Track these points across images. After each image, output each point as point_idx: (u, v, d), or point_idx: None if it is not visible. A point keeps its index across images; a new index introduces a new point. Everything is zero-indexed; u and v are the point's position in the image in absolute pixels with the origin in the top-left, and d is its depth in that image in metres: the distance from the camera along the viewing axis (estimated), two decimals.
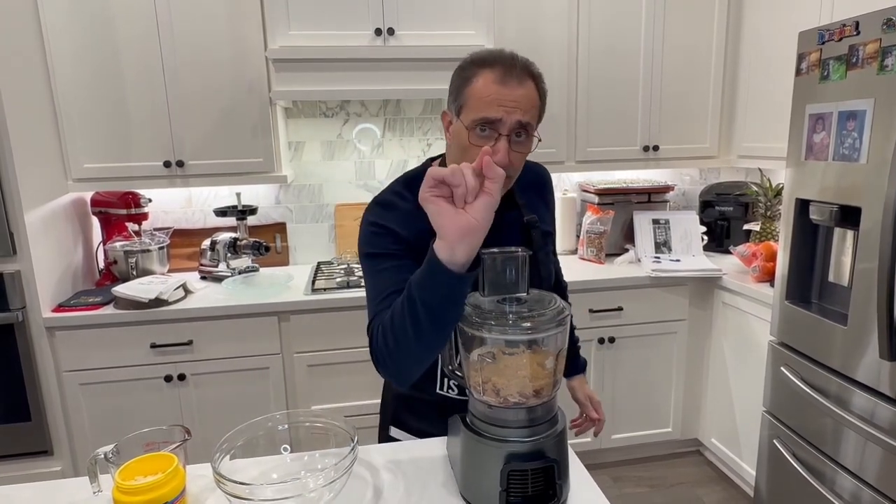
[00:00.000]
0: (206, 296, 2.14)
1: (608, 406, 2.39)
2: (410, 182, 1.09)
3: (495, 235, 1.00)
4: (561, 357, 0.89)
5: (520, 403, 0.87)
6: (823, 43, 1.58)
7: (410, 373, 0.92)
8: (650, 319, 2.35)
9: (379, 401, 2.12)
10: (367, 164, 2.63)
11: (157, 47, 2.07)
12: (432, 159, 1.16)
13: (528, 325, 0.85)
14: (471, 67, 0.97)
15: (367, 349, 1.26)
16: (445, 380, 1.09)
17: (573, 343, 1.36)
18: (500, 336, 0.86)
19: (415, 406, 1.13)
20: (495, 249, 0.91)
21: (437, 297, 0.83)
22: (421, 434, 1.13)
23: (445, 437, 1.07)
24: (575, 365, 1.33)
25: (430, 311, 0.84)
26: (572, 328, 1.39)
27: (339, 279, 2.29)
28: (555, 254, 1.27)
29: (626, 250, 2.55)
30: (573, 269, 2.42)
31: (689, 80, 2.47)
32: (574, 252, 2.66)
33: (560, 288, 1.33)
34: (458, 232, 0.78)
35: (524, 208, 1.14)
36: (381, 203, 1.08)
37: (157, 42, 2.07)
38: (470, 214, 0.78)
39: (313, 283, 2.24)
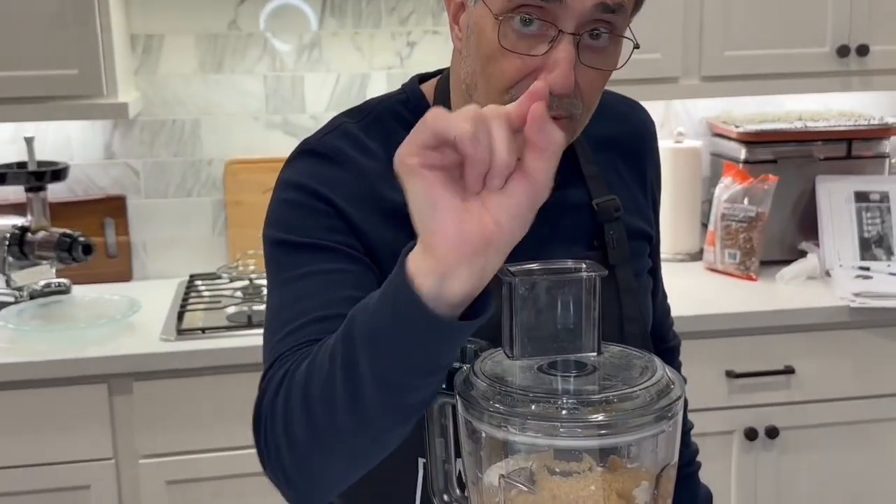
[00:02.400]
0: None
1: None
2: (374, 121, 1.13)
3: (538, 234, 0.96)
4: (666, 482, 0.88)
5: None
6: None
7: (327, 485, 0.94)
8: (850, 393, 2.35)
9: None
10: (290, 82, 2.63)
11: None
12: (422, 78, 1.18)
13: (601, 418, 0.84)
14: None
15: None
16: None
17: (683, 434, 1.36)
18: (544, 440, 0.85)
19: None
20: (534, 265, 0.90)
21: (401, 363, 0.83)
22: None
23: None
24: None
25: (383, 385, 0.84)
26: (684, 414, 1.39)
27: (230, 309, 2.28)
28: (657, 271, 1.31)
29: (803, 255, 2.55)
30: (693, 291, 2.42)
31: None
32: (696, 256, 2.66)
33: (660, 337, 1.34)
34: (460, 244, 0.75)
35: (596, 182, 1.17)
36: (318, 153, 1.10)
37: None
38: (490, 213, 0.76)
39: (180, 317, 2.25)
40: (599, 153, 1.19)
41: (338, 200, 1.06)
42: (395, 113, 1.14)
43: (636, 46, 1.03)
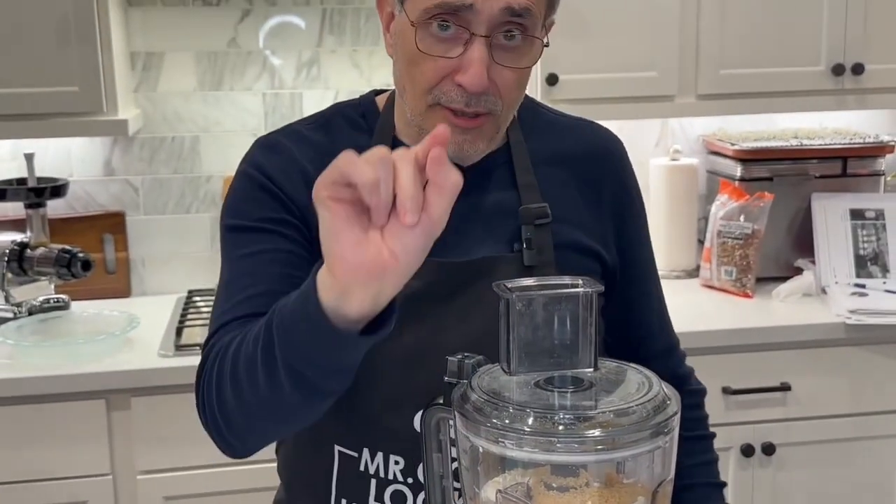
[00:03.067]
0: None
1: None
2: (324, 122, 1.23)
3: (465, 232, 1.13)
4: (663, 498, 0.88)
5: None
6: None
7: (252, 441, 1.08)
8: (846, 410, 2.35)
9: None
10: (289, 99, 2.64)
11: None
12: (379, 92, 1.26)
13: (598, 434, 0.84)
14: None
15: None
16: None
17: (704, 450, 1.34)
18: (541, 456, 0.85)
19: None
20: (530, 281, 0.91)
21: (305, 358, 0.90)
22: None
23: None
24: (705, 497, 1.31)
25: (292, 372, 0.92)
26: (702, 418, 1.38)
27: None
28: (648, 296, 1.33)
29: (799, 272, 2.56)
30: (689, 307, 2.42)
31: None
32: (693, 273, 2.66)
33: (657, 354, 1.32)
34: (355, 269, 0.82)
35: (529, 190, 1.20)
36: (267, 144, 1.23)
37: None
38: (388, 245, 0.81)
39: (178, 333, 2.25)
40: (545, 167, 1.22)
41: (281, 183, 1.16)
42: (346, 115, 1.24)
43: (545, 45, 1.10)
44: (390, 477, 1.16)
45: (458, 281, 1.16)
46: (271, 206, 1.16)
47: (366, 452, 1.16)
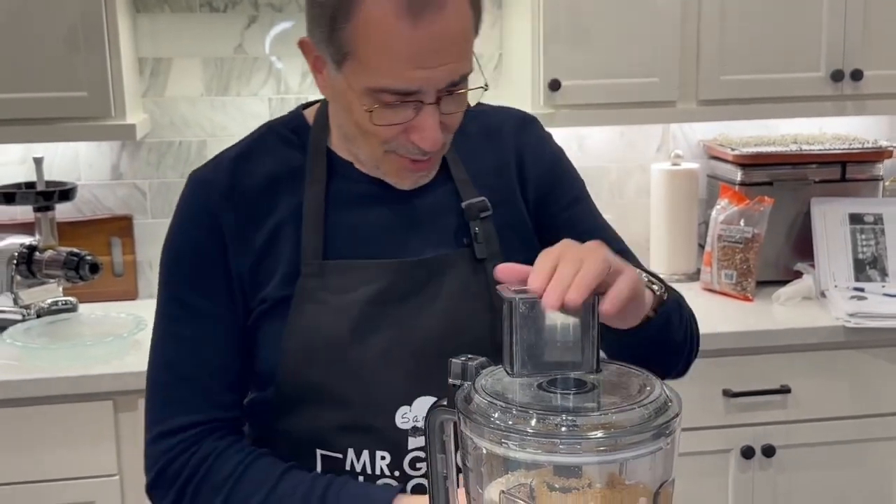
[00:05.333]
0: None
1: None
2: (255, 141, 1.24)
3: (412, 234, 1.18)
4: (664, 498, 0.88)
5: None
6: None
7: None
8: (845, 412, 2.35)
9: None
10: (294, 104, 2.56)
11: None
12: (306, 105, 1.28)
13: (600, 435, 0.84)
14: None
15: None
16: None
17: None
18: (543, 457, 0.85)
19: None
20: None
21: None
22: None
23: None
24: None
25: None
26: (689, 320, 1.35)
27: None
28: (586, 219, 1.31)
29: (799, 275, 2.55)
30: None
31: None
32: (693, 277, 2.66)
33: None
34: None
35: (465, 185, 1.22)
36: (201, 180, 1.24)
37: None
38: None
39: None
40: (470, 160, 1.24)
41: (215, 224, 1.18)
42: (278, 132, 1.24)
43: (486, 88, 1.13)
44: (377, 472, 1.17)
45: (417, 280, 1.17)
46: (213, 262, 1.19)
47: (350, 452, 1.17)
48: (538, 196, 1.26)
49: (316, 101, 1.27)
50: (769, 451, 2.32)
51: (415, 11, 1.00)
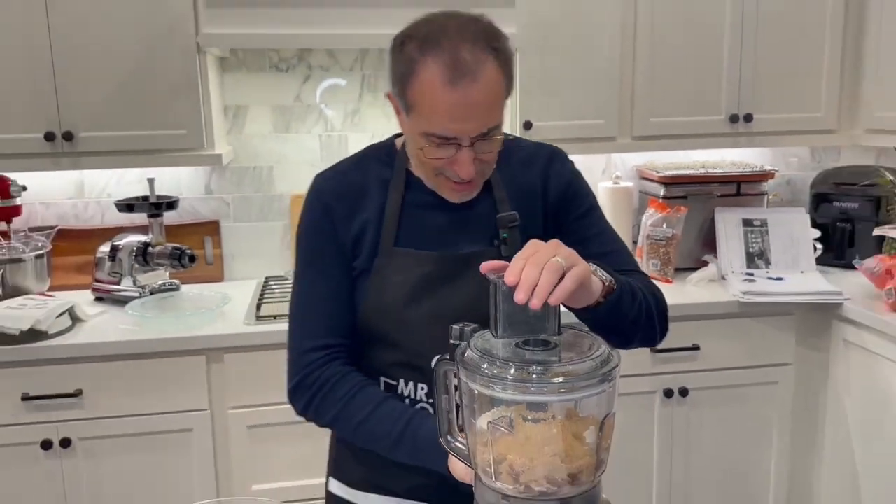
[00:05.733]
0: (102, 326, 2.14)
1: (676, 487, 2.38)
2: (360, 160, 1.25)
3: (456, 234, 1.18)
4: (608, 427, 0.88)
5: (548, 494, 0.86)
6: None
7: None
8: (740, 364, 2.35)
9: None
10: (338, 140, 2.63)
11: None
12: (397, 135, 1.27)
13: (561, 380, 0.84)
14: (411, 49, 1.06)
15: None
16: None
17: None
18: (519, 396, 0.85)
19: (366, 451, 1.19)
20: None
21: (419, 464, 1.10)
22: (372, 488, 1.25)
23: None
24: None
25: (405, 459, 1.11)
26: (651, 294, 1.29)
27: None
28: (596, 237, 1.25)
29: (705, 264, 2.55)
30: None
31: (797, 22, 2.47)
32: None
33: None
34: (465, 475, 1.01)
35: (502, 202, 1.21)
36: (323, 178, 1.24)
37: None
38: None
39: (258, 307, 2.24)
40: (511, 183, 1.22)
41: (337, 219, 1.20)
42: (375, 156, 1.25)
43: (508, 137, 1.19)
44: (418, 398, 1.20)
45: (455, 268, 1.19)
46: (329, 237, 1.20)
47: (401, 382, 1.20)
48: (556, 209, 1.24)
49: (403, 135, 1.25)
50: (684, 392, 2.32)
51: (454, 81, 1.02)
